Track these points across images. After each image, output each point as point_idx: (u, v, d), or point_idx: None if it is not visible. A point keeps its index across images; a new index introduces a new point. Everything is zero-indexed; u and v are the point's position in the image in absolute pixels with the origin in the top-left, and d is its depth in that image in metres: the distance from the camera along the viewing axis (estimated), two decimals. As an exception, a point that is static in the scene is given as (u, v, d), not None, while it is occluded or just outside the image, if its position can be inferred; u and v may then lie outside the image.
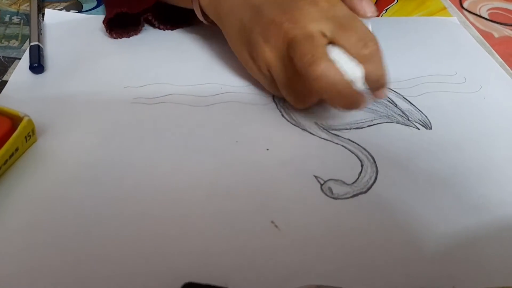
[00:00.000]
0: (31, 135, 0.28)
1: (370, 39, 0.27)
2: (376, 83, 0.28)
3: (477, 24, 0.47)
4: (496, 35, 0.45)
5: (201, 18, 0.35)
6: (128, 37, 0.39)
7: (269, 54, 0.29)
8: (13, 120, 0.27)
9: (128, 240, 0.24)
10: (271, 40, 0.28)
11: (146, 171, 0.27)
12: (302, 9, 0.28)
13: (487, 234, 0.25)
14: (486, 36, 0.45)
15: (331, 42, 0.27)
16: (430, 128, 0.32)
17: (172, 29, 0.40)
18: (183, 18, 0.40)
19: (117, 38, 0.38)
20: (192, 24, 0.40)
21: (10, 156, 0.27)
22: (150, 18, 0.39)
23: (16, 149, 0.27)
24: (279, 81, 0.30)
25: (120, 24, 0.38)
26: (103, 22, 0.37)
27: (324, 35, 0.27)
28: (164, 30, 0.40)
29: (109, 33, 0.38)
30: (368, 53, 0.27)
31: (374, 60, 0.27)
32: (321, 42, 0.27)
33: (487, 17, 0.49)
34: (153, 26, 0.40)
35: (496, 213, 0.26)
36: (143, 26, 0.39)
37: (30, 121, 0.28)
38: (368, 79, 0.27)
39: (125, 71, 0.35)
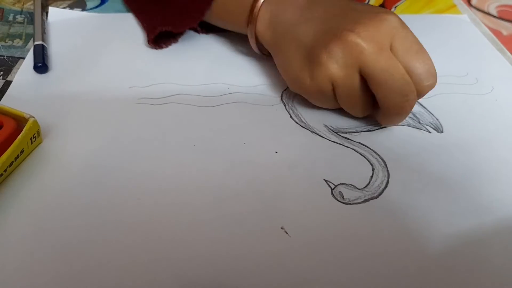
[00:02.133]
0: (36, 137, 0.28)
1: (434, 75, 0.27)
2: (407, 113, 0.28)
3: (486, 22, 0.46)
4: (504, 33, 0.45)
5: (254, 47, 0.34)
6: (167, 47, 0.37)
7: (335, 71, 0.27)
8: (19, 121, 0.27)
9: (134, 243, 0.23)
10: (338, 54, 0.27)
11: (151, 173, 0.27)
12: (372, 22, 0.27)
13: (501, 239, 0.25)
14: (495, 34, 0.44)
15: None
16: (442, 132, 0.31)
17: (207, 33, 0.39)
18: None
19: (158, 49, 0.37)
20: (225, 31, 0.38)
21: (16, 158, 0.26)
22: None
23: (22, 151, 0.27)
24: (344, 95, 0.28)
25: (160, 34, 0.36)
26: (149, 42, 0.36)
27: (395, 53, 0.27)
28: (200, 33, 0.39)
29: (156, 47, 0.37)
30: (428, 86, 0.27)
31: (425, 94, 0.28)
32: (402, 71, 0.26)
33: (495, 14, 0.48)
34: (196, 31, 0.39)
35: (511, 217, 0.26)
36: (185, 32, 0.38)
37: (35, 122, 0.27)
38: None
39: (130, 70, 0.35)
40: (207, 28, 0.38)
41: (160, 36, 0.36)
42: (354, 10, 0.28)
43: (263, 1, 0.31)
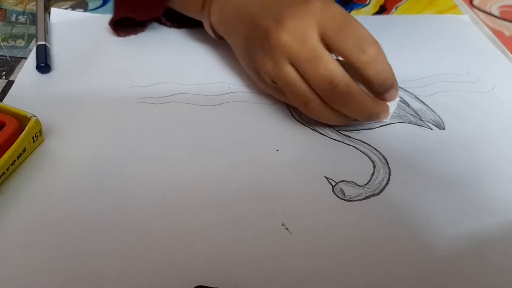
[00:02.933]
0: (38, 136, 0.28)
1: (368, 43, 0.25)
2: (383, 86, 0.27)
3: (487, 22, 0.46)
4: (507, 34, 0.44)
5: (211, 33, 0.35)
6: (136, 34, 0.38)
7: (270, 68, 0.28)
8: (21, 120, 0.27)
9: (135, 243, 0.23)
10: (270, 51, 0.27)
11: (153, 173, 0.27)
12: (295, 15, 0.26)
13: (503, 236, 0.25)
14: (497, 34, 0.44)
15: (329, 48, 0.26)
16: (443, 129, 0.31)
17: (178, 28, 0.40)
18: (190, 20, 0.39)
19: (124, 37, 0.38)
20: (198, 26, 0.40)
21: (18, 157, 0.26)
22: (160, 18, 0.38)
23: (24, 150, 0.27)
24: (285, 90, 0.29)
25: (127, 22, 0.37)
26: (109, 23, 0.37)
27: (322, 39, 0.26)
28: (170, 27, 0.39)
29: (116, 33, 0.38)
30: (367, 60, 0.25)
31: (375, 64, 0.25)
32: (326, 57, 0.26)
33: (497, 15, 0.48)
34: (160, 22, 0.39)
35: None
36: (150, 23, 0.39)
37: (37, 122, 0.27)
38: (373, 83, 0.26)
39: (131, 70, 0.35)
40: (179, 22, 0.39)
41: (125, 24, 0.37)
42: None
43: None
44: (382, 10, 0.46)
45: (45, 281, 0.22)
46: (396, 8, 0.47)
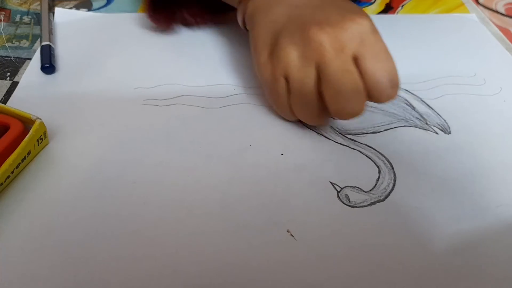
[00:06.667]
0: (43, 138, 0.28)
1: (394, 86, 0.26)
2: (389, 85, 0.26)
3: (494, 20, 0.45)
4: (513, 31, 0.44)
5: (240, 20, 0.34)
6: (168, 30, 0.38)
7: (292, 58, 0.27)
8: (25, 123, 0.27)
9: (139, 246, 0.23)
10: (301, 44, 0.27)
11: (157, 176, 0.27)
12: (341, 23, 0.26)
13: (508, 243, 0.25)
14: (503, 32, 0.44)
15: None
16: (449, 133, 0.31)
17: (201, 24, 0.39)
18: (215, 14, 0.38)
19: (160, 28, 0.38)
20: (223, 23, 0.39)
21: (23, 160, 0.26)
22: (184, 15, 0.38)
23: (28, 153, 0.27)
24: (296, 91, 0.27)
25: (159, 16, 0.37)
26: (146, 10, 0.37)
27: (354, 58, 0.26)
28: (193, 25, 0.39)
29: (151, 20, 0.37)
30: (393, 95, 0.26)
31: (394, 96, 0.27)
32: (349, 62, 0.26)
33: (503, 12, 0.47)
34: (184, 22, 0.39)
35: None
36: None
37: (42, 124, 0.27)
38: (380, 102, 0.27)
39: (136, 71, 0.35)
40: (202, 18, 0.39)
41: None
42: (333, 6, 0.28)
43: None
44: (388, 8, 0.46)
45: (49, 286, 0.22)
46: (402, 6, 0.46)
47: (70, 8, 0.42)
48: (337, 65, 0.25)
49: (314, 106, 0.27)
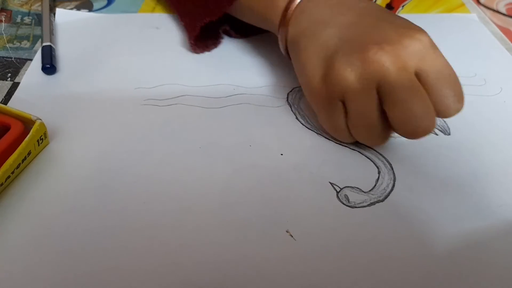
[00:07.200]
0: (43, 138, 0.28)
1: (460, 101, 0.26)
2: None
3: (495, 20, 0.45)
4: (514, 31, 0.44)
5: (282, 47, 0.32)
6: (209, 51, 0.37)
7: (350, 80, 0.25)
8: (26, 123, 0.27)
9: (140, 246, 0.23)
10: (357, 64, 0.25)
11: (157, 175, 0.27)
12: (400, 41, 0.25)
13: (509, 243, 0.25)
14: (504, 32, 0.43)
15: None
16: (449, 134, 0.31)
17: (243, 37, 0.39)
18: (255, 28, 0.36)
19: (199, 53, 0.37)
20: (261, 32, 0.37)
21: (23, 160, 0.27)
22: (227, 29, 0.38)
23: (29, 153, 0.27)
24: (355, 114, 0.26)
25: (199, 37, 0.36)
26: (190, 41, 0.36)
27: (417, 74, 0.25)
28: (240, 38, 0.39)
29: (194, 49, 0.37)
30: (452, 112, 0.26)
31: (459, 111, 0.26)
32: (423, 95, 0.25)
33: (504, 12, 0.47)
34: (230, 36, 0.39)
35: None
36: (222, 37, 0.38)
37: (42, 125, 0.27)
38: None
39: (136, 71, 0.35)
40: (246, 32, 0.38)
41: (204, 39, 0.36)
42: (386, 22, 0.27)
43: (300, 1, 0.29)
44: (389, 8, 0.46)
45: (48, 284, 0.22)
46: (402, 6, 0.46)
47: (71, 8, 0.42)
48: (403, 84, 0.24)
49: (377, 127, 0.26)
